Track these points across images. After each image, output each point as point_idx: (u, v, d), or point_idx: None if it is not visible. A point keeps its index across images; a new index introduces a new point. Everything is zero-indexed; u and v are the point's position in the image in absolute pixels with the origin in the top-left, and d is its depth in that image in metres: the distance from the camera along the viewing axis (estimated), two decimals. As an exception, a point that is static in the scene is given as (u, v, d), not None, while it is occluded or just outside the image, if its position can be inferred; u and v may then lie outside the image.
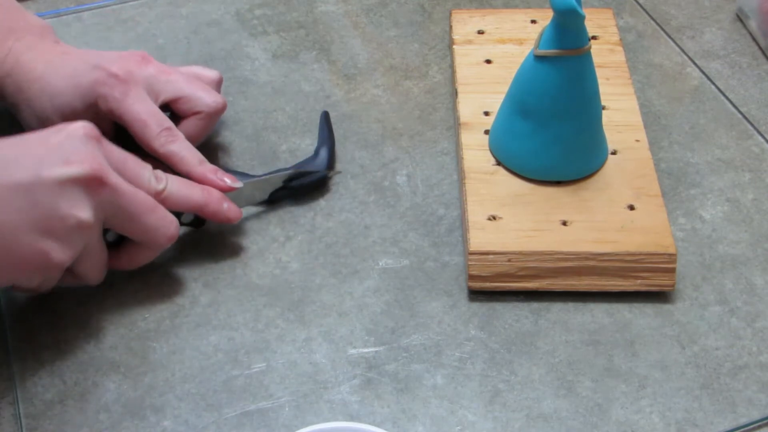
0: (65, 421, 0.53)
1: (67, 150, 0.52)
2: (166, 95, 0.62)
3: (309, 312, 0.59)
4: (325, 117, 0.69)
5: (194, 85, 0.63)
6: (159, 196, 0.56)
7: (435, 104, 0.72)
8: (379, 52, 0.76)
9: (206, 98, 0.63)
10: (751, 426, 0.54)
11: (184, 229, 0.62)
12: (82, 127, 0.53)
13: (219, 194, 0.60)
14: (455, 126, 0.69)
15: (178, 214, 0.58)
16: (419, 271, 0.61)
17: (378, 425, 0.52)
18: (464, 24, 0.74)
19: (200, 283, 0.60)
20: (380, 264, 0.61)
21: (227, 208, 0.59)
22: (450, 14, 0.75)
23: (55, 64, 0.61)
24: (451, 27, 0.74)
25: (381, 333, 0.58)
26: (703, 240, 0.63)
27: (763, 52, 0.76)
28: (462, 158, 0.64)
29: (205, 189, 0.59)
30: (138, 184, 0.55)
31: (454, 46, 0.72)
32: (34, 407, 0.54)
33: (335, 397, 0.54)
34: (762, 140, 0.69)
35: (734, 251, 0.62)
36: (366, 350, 0.56)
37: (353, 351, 0.56)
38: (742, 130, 0.70)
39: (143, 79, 0.61)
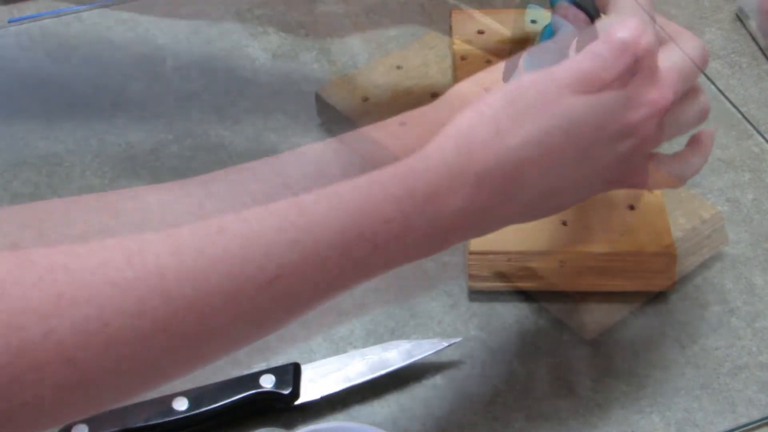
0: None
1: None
2: None
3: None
4: (325, 117, 0.69)
5: None
6: None
7: (435, 104, 0.72)
8: (379, 52, 0.76)
9: None
10: (751, 426, 0.53)
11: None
12: None
13: None
14: (455, 126, 0.69)
15: None
16: (419, 271, 0.61)
17: (378, 425, 0.52)
18: (464, 24, 0.74)
19: (200, 283, 0.60)
20: (380, 264, 0.61)
21: None
22: (450, 14, 0.75)
23: None
24: (451, 27, 0.74)
25: (381, 333, 0.57)
26: (703, 240, 0.63)
27: (763, 52, 0.76)
28: (462, 158, 0.64)
29: None
30: None
31: (454, 46, 0.72)
32: (34, 407, 0.54)
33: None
34: (762, 140, 0.69)
35: (734, 251, 0.62)
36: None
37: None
38: (742, 130, 0.70)
39: None
